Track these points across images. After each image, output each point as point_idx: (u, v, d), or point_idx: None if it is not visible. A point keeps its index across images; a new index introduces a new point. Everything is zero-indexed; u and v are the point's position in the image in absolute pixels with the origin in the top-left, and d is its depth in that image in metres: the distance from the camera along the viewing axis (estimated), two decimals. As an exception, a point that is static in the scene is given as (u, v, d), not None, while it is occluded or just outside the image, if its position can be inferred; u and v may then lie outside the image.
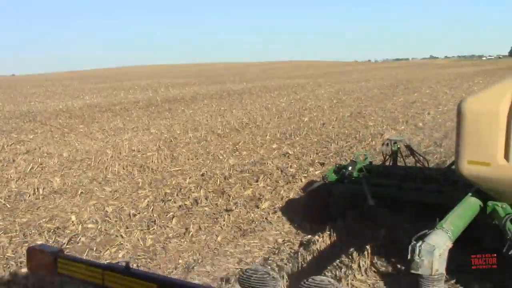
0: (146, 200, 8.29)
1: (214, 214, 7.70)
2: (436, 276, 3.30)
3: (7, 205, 8.27)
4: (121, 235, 6.78)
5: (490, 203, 4.35)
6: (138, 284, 2.07)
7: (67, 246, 6.44)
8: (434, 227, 3.66)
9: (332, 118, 17.92)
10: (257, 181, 9.44)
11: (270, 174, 9.87)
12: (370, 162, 7.77)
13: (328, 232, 6.36)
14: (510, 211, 4.21)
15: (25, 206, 8.19)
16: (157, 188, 9.12)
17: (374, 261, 5.54)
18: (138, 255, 6.17)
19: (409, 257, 3.32)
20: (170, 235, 6.86)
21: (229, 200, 8.30)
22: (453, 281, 4.95)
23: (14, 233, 6.92)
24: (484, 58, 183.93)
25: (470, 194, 4.46)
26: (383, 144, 8.06)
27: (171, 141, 14.07)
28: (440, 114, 18.53)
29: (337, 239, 6.33)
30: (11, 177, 10.11)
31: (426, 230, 3.57)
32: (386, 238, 6.01)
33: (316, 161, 11.07)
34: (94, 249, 6.31)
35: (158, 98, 27.85)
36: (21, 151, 12.84)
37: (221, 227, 7.15)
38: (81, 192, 8.89)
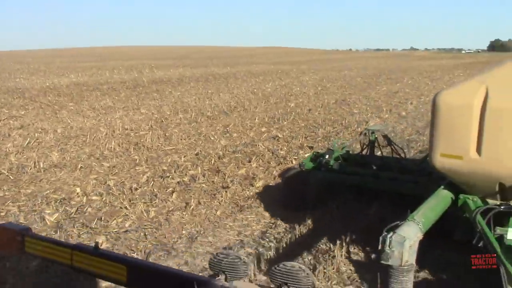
0: (145, 176, 8.65)
1: (211, 190, 8.08)
2: (406, 267, 3.29)
3: (10, 176, 8.56)
4: (126, 207, 7.15)
5: (461, 196, 4.37)
6: (107, 265, 2.05)
7: (75, 216, 6.79)
8: (405, 218, 3.67)
9: (317, 105, 18.34)
10: (249, 161, 9.84)
11: (262, 156, 10.27)
12: (347, 151, 7.81)
13: (306, 220, 6.54)
14: (481, 204, 4.25)
15: (28, 178, 8.48)
16: (153, 165, 9.46)
17: (350, 250, 5.66)
18: (144, 225, 6.55)
19: (379, 247, 3.31)
20: (171, 208, 7.24)
21: (224, 178, 8.69)
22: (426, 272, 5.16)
23: (22, 203, 7.25)
24: (463, 52, 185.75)
25: (442, 186, 4.50)
26: (360, 134, 8.17)
27: (162, 121, 14.38)
28: (422, 104, 19.06)
29: (314, 227, 6.48)
30: (9, 150, 10.38)
31: (398, 222, 3.57)
32: (363, 227, 6.14)
33: (305, 144, 11.51)
34: (102, 219, 6.66)
35: (145, 79, 28.02)
36: (15, 126, 13.06)
37: (219, 203, 7.55)
38: (81, 167, 9.21)
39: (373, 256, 5.49)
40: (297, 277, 1.94)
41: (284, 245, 5.99)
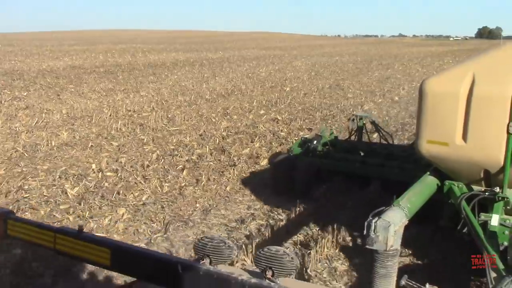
0: (154, 154, 9.03)
1: (219, 168, 8.50)
2: (390, 252, 3.29)
3: (25, 154, 8.91)
4: (140, 182, 7.55)
5: (447, 182, 4.39)
6: (91, 249, 2.03)
7: (93, 190, 7.18)
8: (391, 204, 3.68)
9: (312, 89, 18.76)
10: (252, 141, 10.26)
11: (263, 136, 10.70)
12: (336, 137, 7.84)
13: (295, 206, 6.60)
14: (466, 191, 4.28)
15: (42, 156, 8.84)
16: (160, 144, 9.85)
17: (338, 236, 5.71)
18: (161, 199, 6.96)
19: (365, 232, 3.33)
20: (184, 184, 7.65)
21: (230, 157, 9.10)
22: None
23: (41, 177, 7.62)
24: (451, 39, 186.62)
25: (428, 173, 4.52)
26: (349, 120, 8.19)
27: (163, 103, 14.73)
28: (414, 89, 19.48)
29: (303, 212, 6.55)
30: (19, 129, 10.70)
31: (383, 207, 3.57)
32: (351, 213, 6.25)
33: (304, 126, 11.94)
34: (120, 193, 7.06)
35: (139, 63, 28.26)
36: (20, 107, 13.36)
37: (228, 179, 7.97)
38: (91, 145, 9.57)
39: (359, 241, 5.62)
40: (281, 261, 1.95)
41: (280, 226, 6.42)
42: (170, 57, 34.04)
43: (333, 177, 7.15)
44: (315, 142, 7.35)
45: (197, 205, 6.91)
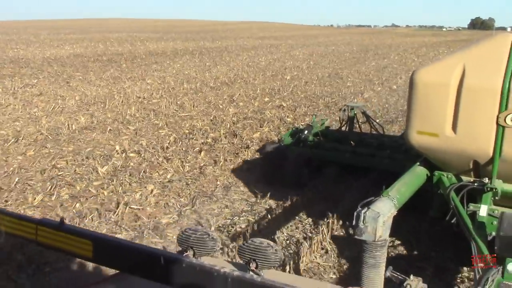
0: (171, 137, 9.57)
1: (234, 150, 9.04)
2: (379, 242, 3.30)
3: (49, 136, 9.42)
4: (163, 162, 8.10)
5: (436, 172, 4.41)
6: (72, 240, 2.01)
7: (121, 169, 7.71)
8: (380, 194, 3.68)
9: (313, 78, 19.32)
10: (261, 126, 10.81)
11: (271, 121, 11.26)
12: (327, 127, 7.93)
13: (286, 196, 6.71)
14: (455, 181, 4.30)
15: (66, 138, 9.35)
16: (175, 129, 10.37)
17: (333, 227, 5.76)
18: (185, 177, 7.51)
19: (353, 223, 3.33)
20: (203, 164, 8.20)
21: (242, 140, 9.65)
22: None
23: (69, 158, 8.14)
24: (444, 29, 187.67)
25: (418, 163, 4.52)
26: (340, 110, 8.35)
27: (170, 91, 15.23)
28: (410, 78, 20.09)
29: (294, 203, 6.62)
30: (38, 114, 11.20)
31: (372, 197, 3.57)
32: (347, 203, 6.23)
33: (308, 113, 12.49)
34: (146, 171, 7.61)
35: (140, 51, 28.70)
36: (34, 93, 13.83)
37: (243, 161, 8.52)
38: (110, 129, 10.09)
39: (350, 231, 5.64)
40: (265, 254, 1.96)
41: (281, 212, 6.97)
42: (169, 46, 34.42)
43: (324, 167, 7.21)
44: (306, 132, 7.43)
45: (218, 182, 7.46)
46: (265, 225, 5.94)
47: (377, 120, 11.77)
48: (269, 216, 6.20)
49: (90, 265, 4.27)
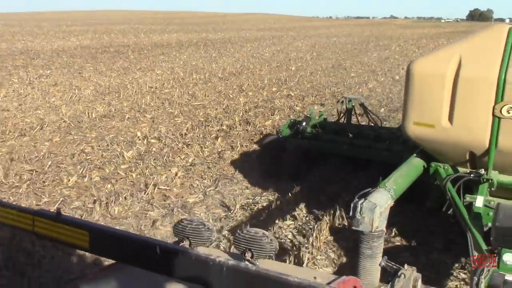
0: (187, 125, 10.01)
1: (248, 136, 9.49)
2: (376, 233, 3.32)
3: (71, 124, 9.87)
4: (183, 147, 8.55)
5: (433, 164, 4.41)
6: (69, 231, 2.02)
7: (144, 154, 8.17)
8: (377, 185, 3.68)
9: (317, 68, 19.75)
10: (272, 114, 11.26)
11: (282, 110, 11.72)
12: (325, 119, 7.88)
13: (285, 188, 6.77)
14: (451, 172, 4.30)
15: (87, 126, 9.80)
16: (190, 117, 10.81)
17: (334, 218, 5.74)
18: (206, 161, 7.97)
19: (350, 214, 3.35)
20: (220, 149, 8.65)
21: (256, 128, 10.09)
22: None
23: (94, 143, 8.59)
24: (443, 21, 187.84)
25: (414, 154, 4.53)
26: (338, 102, 8.32)
27: (180, 81, 15.66)
28: (413, 69, 20.51)
29: (294, 195, 6.63)
30: (57, 104, 11.64)
31: (369, 188, 3.58)
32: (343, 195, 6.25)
33: (316, 102, 12.94)
34: (169, 155, 8.07)
35: (145, 43, 29.11)
36: (50, 83, 14.27)
37: (258, 146, 8.97)
38: (128, 117, 10.54)
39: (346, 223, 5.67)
40: (260, 243, 1.97)
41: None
42: (173, 37, 34.81)
43: (323, 159, 7.31)
44: (304, 123, 7.43)
45: (237, 166, 7.92)
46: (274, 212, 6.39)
47: (382, 110, 12.33)
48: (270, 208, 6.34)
49: (88, 256, 4.44)
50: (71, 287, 2.83)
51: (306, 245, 5.11)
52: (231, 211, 6.13)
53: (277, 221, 5.79)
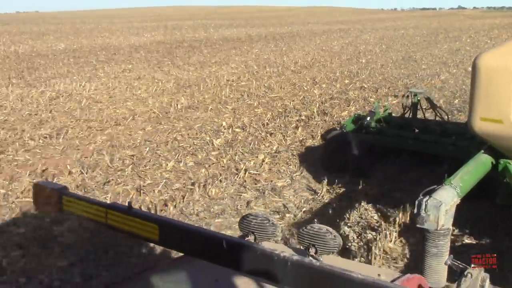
0: (268, 115, 10.51)
1: (327, 126, 9.88)
2: (442, 231, 3.26)
3: (160, 114, 10.56)
4: (267, 136, 9.05)
5: (501, 160, 4.24)
6: (140, 224, 2.08)
7: (232, 141, 8.72)
8: (442, 182, 3.58)
9: (388, 61, 19.88)
10: (348, 105, 11.62)
11: (356, 101, 12.05)
12: (390, 113, 7.84)
13: (351, 183, 6.75)
14: None
15: (174, 116, 10.46)
16: (269, 108, 11.32)
17: (403, 215, 5.62)
18: (290, 148, 8.44)
19: (415, 211, 3.30)
20: (301, 138, 9.09)
21: (333, 118, 10.48)
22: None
23: (184, 132, 9.22)
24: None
25: (482, 151, 4.37)
26: (403, 96, 8.23)
27: (254, 74, 16.21)
28: (486, 61, 20.30)
29: (361, 191, 6.59)
30: (143, 96, 12.41)
31: (435, 186, 3.49)
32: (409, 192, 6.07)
33: (389, 94, 13.19)
34: (256, 143, 8.59)
35: (216, 38, 29.91)
36: (133, 77, 15.13)
37: (337, 135, 9.36)
38: (210, 109, 11.14)
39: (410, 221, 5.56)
40: (324, 239, 1.99)
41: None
42: (241, 32, 35.52)
43: (388, 154, 7.17)
44: (368, 118, 7.35)
45: (319, 154, 8.35)
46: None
47: (456, 101, 12.43)
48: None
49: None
50: (142, 278, 2.84)
51: (375, 243, 5.06)
52: (318, 194, 6.55)
53: (343, 217, 5.82)
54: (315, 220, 2.24)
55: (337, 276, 1.53)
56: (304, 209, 6.08)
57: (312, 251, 2.00)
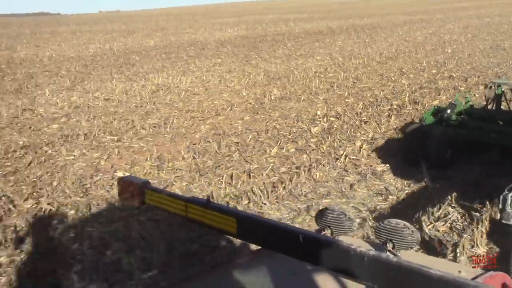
0: (359, 105, 10.82)
1: (419, 115, 9.99)
2: None
3: (255, 105, 11.09)
4: (361, 125, 9.38)
5: None
6: (218, 217, 2.11)
7: (328, 129, 9.11)
8: None
9: (475, 50, 19.61)
10: (438, 94, 11.73)
11: (446, 90, 12.13)
12: (471, 105, 7.60)
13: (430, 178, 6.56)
14: None
15: (269, 106, 10.98)
16: (359, 98, 11.61)
17: (488, 213, 5.28)
18: (384, 136, 8.73)
19: (500, 207, 3.21)
20: (395, 126, 9.36)
21: (424, 107, 10.65)
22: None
23: (280, 121, 9.69)
24: None
25: None
26: (485, 87, 7.92)
27: (341, 66, 16.50)
28: None
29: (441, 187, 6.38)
30: (237, 88, 13.02)
31: None
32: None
33: (479, 82, 13.14)
34: (352, 131, 8.96)
35: (297, 31, 30.31)
36: (224, 70, 15.83)
37: (430, 123, 9.56)
38: (303, 99, 11.58)
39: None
40: (402, 234, 1.97)
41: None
42: (322, 25, 35.70)
43: (470, 148, 6.98)
44: (449, 111, 7.16)
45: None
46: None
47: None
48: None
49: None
50: (222, 270, 2.87)
51: (459, 239, 4.99)
52: (415, 178, 6.83)
53: (426, 211, 5.65)
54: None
55: (415, 272, 1.48)
56: (407, 191, 6.40)
57: (389, 246, 1.99)
